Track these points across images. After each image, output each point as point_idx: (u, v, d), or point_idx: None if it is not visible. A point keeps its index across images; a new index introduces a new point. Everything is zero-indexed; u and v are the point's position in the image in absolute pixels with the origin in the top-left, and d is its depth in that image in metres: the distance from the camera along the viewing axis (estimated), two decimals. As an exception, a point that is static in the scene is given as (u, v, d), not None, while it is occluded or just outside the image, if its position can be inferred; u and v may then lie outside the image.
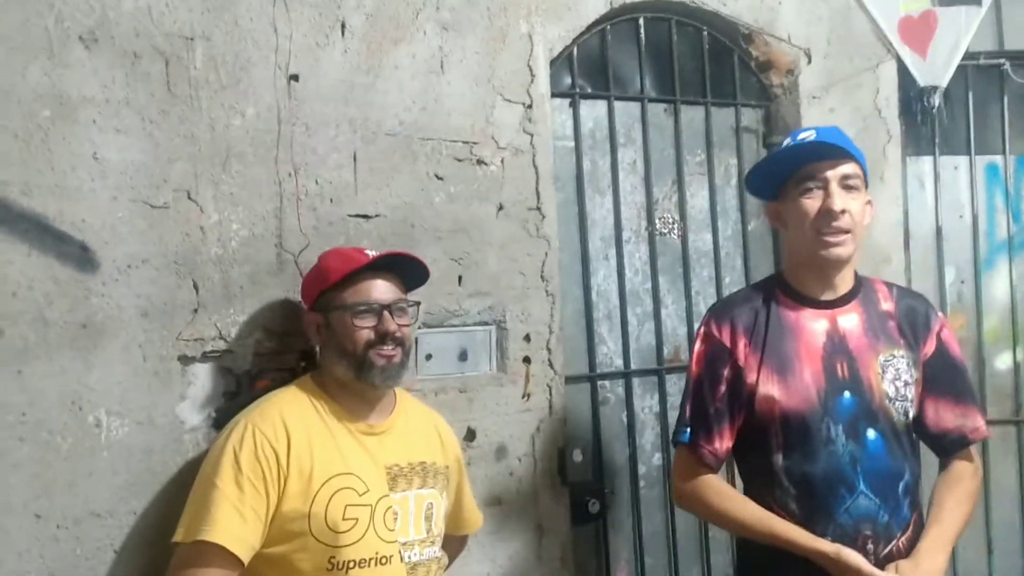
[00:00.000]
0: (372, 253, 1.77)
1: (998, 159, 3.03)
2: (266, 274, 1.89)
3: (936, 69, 2.91)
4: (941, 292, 3.01)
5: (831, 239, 1.75)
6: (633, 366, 2.62)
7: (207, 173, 1.83)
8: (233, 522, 1.55)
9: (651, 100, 2.67)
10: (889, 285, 1.93)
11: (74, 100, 1.70)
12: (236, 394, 1.85)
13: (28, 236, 1.65)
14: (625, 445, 2.60)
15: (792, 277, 1.87)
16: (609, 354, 2.60)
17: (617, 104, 2.61)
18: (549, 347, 2.30)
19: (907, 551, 1.74)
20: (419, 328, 2.08)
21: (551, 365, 2.30)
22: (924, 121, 2.97)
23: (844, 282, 1.83)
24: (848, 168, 1.76)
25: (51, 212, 1.67)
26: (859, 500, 1.73)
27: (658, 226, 2.68)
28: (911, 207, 2.98)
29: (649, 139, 2.66)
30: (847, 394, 1.76)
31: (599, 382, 2.56)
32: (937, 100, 2.92)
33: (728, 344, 1.82)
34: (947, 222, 3.02)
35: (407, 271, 1.83)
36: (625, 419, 2.61)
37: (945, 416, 1.84)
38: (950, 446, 1.86)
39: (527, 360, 2.26)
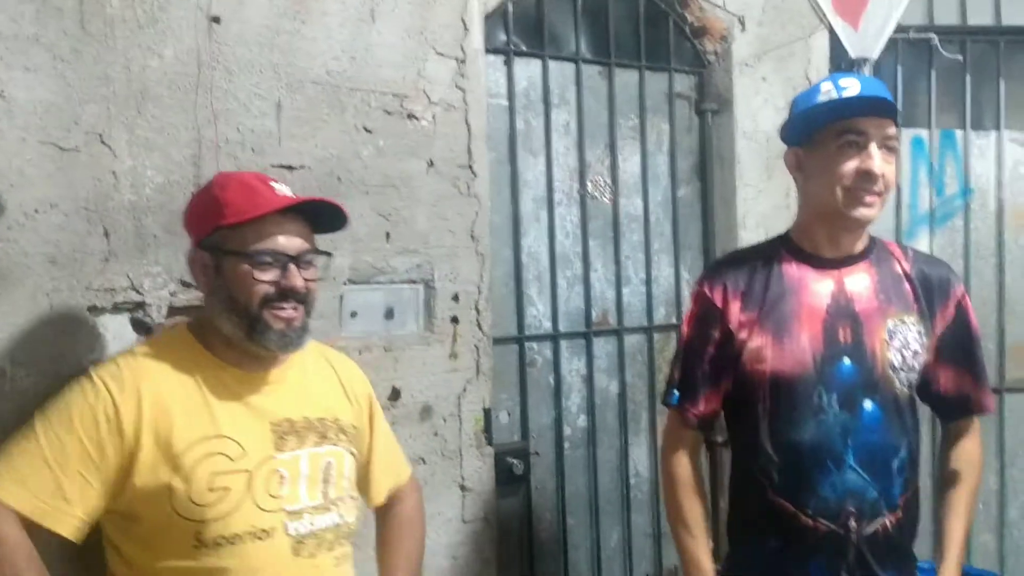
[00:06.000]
0: (281, 188, 1.52)
1: (924, 132, 3.09)
2: (182, 223, 1.81)
3: (867, 41, 2.94)
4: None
5: (866, 199, 1.64)
6: (561, 329, 2.61)
7: (121, 116, 1.74)
8: (44, 486, 1.37)
9: (585, 61, 2.65)
10: (905, 248, 1.81)
11: (-21, 34, 1.61)
12: (150, 347, 1.78)
13: (-73, 176, 1.56)
14: (551, 407, 2.60)
15: (800, 233, 1.76)
16: (538, 316, 2.59)
17: (552, 64, 2.58)
18: (478, 307, 2.27)
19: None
20: (344, 283, 2.04)
21: (479, 326, 2.28)
22: (853, 93, 3.00)
23: (856, 242, 1.73)
24: (891, 128, 1.64)
25: (-47, 152, 1.59)
26: (847, 475, 1.64)
27: (590, 189, 2.67)
28: (838, 178, 3.02)
29: (583, 101, 2.64)
30: (847, 360, 1.66)
31: (527, 344, 2.55)
32: (867, 73, 2.95)
33: (719, 305, 1.74)
34: (872, 194, 3.07)
35: (318, 214, 1.56)
36: (552, 381, 2.60)
37: (955, 382, 1.76)
38: (954, 411, 1.80)
39: (455, 320, 2.23)
